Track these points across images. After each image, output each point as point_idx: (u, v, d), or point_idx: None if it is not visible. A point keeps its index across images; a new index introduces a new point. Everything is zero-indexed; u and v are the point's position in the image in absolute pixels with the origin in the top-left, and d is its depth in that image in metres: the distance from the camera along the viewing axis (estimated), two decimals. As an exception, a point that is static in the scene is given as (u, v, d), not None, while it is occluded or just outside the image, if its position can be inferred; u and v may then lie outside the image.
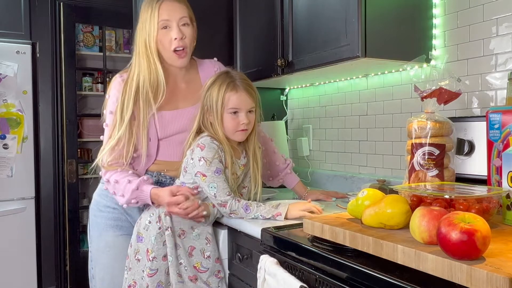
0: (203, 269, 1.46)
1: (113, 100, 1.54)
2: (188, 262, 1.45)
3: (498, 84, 1.42)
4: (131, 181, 1.47)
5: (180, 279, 1.43)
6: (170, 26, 1.51)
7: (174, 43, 1.51)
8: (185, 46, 1.53)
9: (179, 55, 1.53)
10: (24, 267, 2.81)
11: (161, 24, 1.51)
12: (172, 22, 1.51)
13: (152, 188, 1.46)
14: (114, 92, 1.55)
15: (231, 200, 1.43)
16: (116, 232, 1.59)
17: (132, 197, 1.46)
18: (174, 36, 1.51)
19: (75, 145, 3.14)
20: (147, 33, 1.53)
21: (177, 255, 1.44)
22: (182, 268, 1.44)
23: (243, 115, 1.48)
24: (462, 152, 1.39)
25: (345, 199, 1.69)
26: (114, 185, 1.49)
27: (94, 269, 1.63)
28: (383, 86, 1.87)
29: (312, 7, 1.69)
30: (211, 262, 1.47)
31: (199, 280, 1.45)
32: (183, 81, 1.64)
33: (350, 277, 0.93)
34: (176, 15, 1.52)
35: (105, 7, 3.23)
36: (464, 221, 0.77)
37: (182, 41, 1.52)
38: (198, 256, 1.46)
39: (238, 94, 1.47)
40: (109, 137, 1.51)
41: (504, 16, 1.39)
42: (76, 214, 3.13)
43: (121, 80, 1.56)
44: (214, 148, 1.45)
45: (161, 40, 1.52)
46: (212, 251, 1.48)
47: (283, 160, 1.78)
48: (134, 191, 1.45)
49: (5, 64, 2.75)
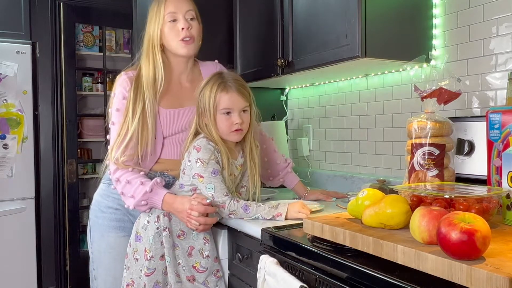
0: (202, 269, 1.46)
1: (119, 98, 1.54)
2: (187, 262, 1.45)
3: (498, 84, 1.42)
4: (143, 182, 1.45)
5: (179, 279, 1.44)
6: (177, 19, 1.54)
7: (181, 33, 1.54)
8: (191, 36, 1.55)
9: (186, 42, 1.55)
10: (24, 267, 2.81)
11: (168, 17, 1.53)
12: (178, 15, 1.54)
13: (167, 194, 1.44)
14: (120, 90, 1.55)
15: (229, 200, 1.43)
16: (118, 233, 1.58)
17: (143, 199, 1.44)
18: (181, 26, 1.53)
19: (75, 145, 3.14)
20: (152, 30, 1.56)
21: (175, 255, 1.44)
22: (180, 268, 1.45)
23: (236, 115, 1.48)
24: (462, 152, 1.39)
25: (345, 199, 1.69)
26: (125, 185, 1.46)
27: (96, 271, 1.62)
28: (383, 86, 1.87)
29: (312, 7, 1.69)
30: (210, 261, 1.47)
31: (197, 281, 1.45)
32: (187, 80, 1.65)
33: (350, 277, 0.93)
34: (183, 8, 1.55)
35: (105, 7, 3.23)
36: (464, 221, 0.77)
37: (189, 32, 1.55)
38: (197, 256, 1.46)
39: (229, 94, 1.47)
40: (118, 135, 1.50)
41: (504, 16, 1.39)
42: (76, 214, 3.13)
43: (127, 77, 1.56)
44: (210, 150, 1.45)
45: (168, 33, 1.54)
46: (211, 250, 1.48)
47: (283, 160, 1.79)
48: (146, 193, 1.43)
49: (5, 64, 2.75)
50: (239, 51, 2.18)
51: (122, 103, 1.53)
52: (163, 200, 1.43)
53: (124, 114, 1.51)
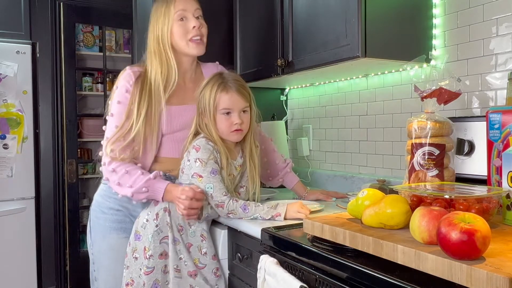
0: (201, 265, 1.46)
1: (121, 91, 1.53)
2: (189, 257, 1.45)
3: (498, 84, 1.42)
4: (144, 173, 1.47)
5: (178, 275, 1.43)
6: (187, 17, 1.55)
7: (192, 31, 1.55)
8: (202, 35, 1.57)
9: (197, 43, 1.56)
10: (24, 267, 2.81)
11: (178, 15, 1.54)
12: (188, 13, 1.55)
13: (169, 183, 1.46)
14: (124, 83, 1.54)
15: (228, 200, 1.43)
16: (120, 234, 1.57)
17: (145, 186, 1.44)
18: (192, 25, 1.55)
19: (75, 145, 3.15)
20: (160, 29, 1.55)
21: (177, 250, 1.44)
22: (182, 263, 1.44)
23: (235, 115, 1.48)
24: (462, 152, 1.39)
25: (345, 199, 1.69)
26: (124, 175, 1.46)
27: (96, 272, 1.62)
28: (383, 86, 1.87)
29: (312, 7, 1.69)
30: (208, 258, 1.47)
31: (199, 276, 1.45)
32: (190, 81, 1.66)
33: (350, 277, 0.93)
34: (192, 7, 1.57)
35: (105, 7, 3.24)
36: (464, 221, 0.77)
37: (199, 30, 1.56)
38: (196, 252, 1.47)
39: (229, 94, 1.48)
40: (117, 129, 1.50)
41: (504, 16, 1.39)
42: (76, 214, 3.13)
43: (131, 71, 1.56)
44: (209, 149, 1.45)
45: (177, 32, 1.54)
46: (208, 247, 1.48)
47: (282, 159, 1.79)
48: (150, 180, 1.44)
49: (5, 64, 2.75)
50: (239, 51, 2.18)
51: (124, 96, 1.52)
52: (166, 189, 1.44)
53: (126, 112, 1.51)
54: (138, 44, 2.38)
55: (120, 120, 1.51)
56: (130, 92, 1.52)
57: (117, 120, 1.51)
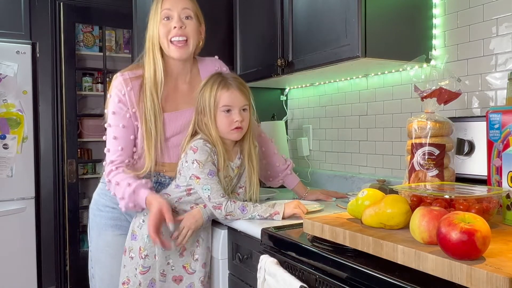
0: (191, 270, 1.47)
1: (114, 101, 1.53)
2: (177, 262, 1.46)
3: (498, 84, 1.42)
4: (130, 184, 1.44)
5: (163, 278, 1.44)
6: (172, 16, 1.50)
7: (172, 32, 1.49)
8: (185, 36, 1.50)
9: (176, 45, 1.50)
10: (24, 267, 2.81)
11: (163, 14, 1.50)
12: (173, 12, 1.50)
13: (148, 195, 1.43)
14: (116, 92, 1.54)
15: (226, 201, 1.42)
16: (115, 231, 1.59)
17: (130, 201, 1.44)
18: (173, 25, 1.49)
19: (75, 145, 3.14)
20: (152, 29, 1.53)
21: (167, 254, 1.44)
22: (169, 268, 1.45)
23: (236, 112, 1.48)
24: (462, 152, 1.39)
25: (345, 199, 1.69)
26: (115, 186, 1.47)
27: (93, 269, 1.63)
28: (383, 86, 1.87)
29: (312, 7, 1.69)
30: (198, 265, 1.48)
31: (184, 282, 1.46)
32: (185, 82, 1.62)
33: (350, 277, 0.93)
34: (179, 6, 1.51)
35: (105, 7, 3.23)
36: (464, 221, 0.77)
37: (182, 31, 1.49)
38: (188, 257, 1.48)
39: (230, 91, 1.47)
40: (113, 138, 1.50)
41: (504, 16, 1.39)
42: (76, 214, 3.13)
43: (122, 79, 1.54)
44: (206, 151, 1.45)
45: (161, 31, 1.51)
46: (200, 254, 1.48)
47: (283, 161, 1.78)
48: (131, 195, 1.43)
49: (5, 64, 2.75)
50: (239, 51, 2.18)
51: (118, 106, 1.52)
52: (146, 201, 1.43)
53: (122, 123, 1.50)
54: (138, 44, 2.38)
55: (118, 130, 1.51)
56: (123, 102, 1.51)
57: (115, 131, 1.51)
